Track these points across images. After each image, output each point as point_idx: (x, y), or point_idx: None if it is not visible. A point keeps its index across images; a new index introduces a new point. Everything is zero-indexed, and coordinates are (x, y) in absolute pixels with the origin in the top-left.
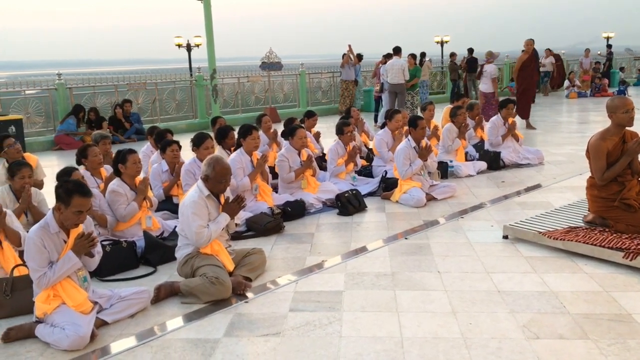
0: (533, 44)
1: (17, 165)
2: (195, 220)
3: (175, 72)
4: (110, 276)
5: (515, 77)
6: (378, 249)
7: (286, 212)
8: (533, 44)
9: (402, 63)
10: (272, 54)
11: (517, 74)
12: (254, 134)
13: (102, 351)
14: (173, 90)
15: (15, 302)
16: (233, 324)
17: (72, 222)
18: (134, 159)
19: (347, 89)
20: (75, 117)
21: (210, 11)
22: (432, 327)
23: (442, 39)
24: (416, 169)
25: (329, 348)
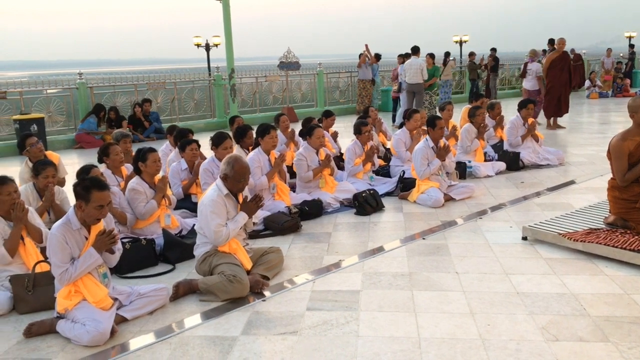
0: (565, 43)
1: (42, 165)
2: (213, 219)
3: (194, 71)
4: (130, 273)
5: (544, 76)
6: (395, 249)
7: (304, 212)
8: (565, 43)
9: (421, 63)
10: (290, 53)
11: (545, 72)
12: (272, 133)
13: (121, 347)
14: (192, 90)
15: (36, 298)
16: (251, 322)
17: (95, 217)
18: (154, 158)
19: (365, 89)
20: (96, 116)
21: (229, 11)
22: (449, 328)
23: (461, 39)
24: (434, 169)
25: (346, 347)
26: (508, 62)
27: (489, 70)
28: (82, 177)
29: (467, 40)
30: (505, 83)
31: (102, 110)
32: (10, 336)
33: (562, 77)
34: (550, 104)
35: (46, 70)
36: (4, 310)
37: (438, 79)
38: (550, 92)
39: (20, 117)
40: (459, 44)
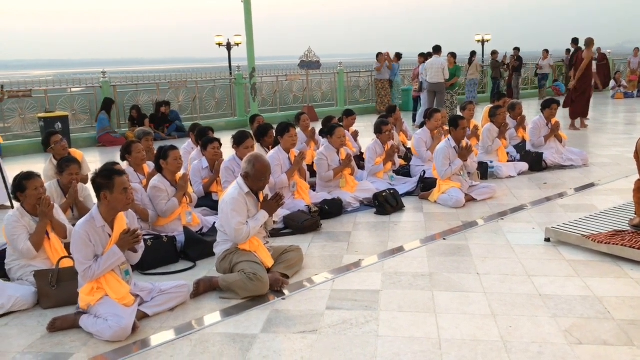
0: (594, 43)
1: (66, 162)
2: (234, 217)
3: (215, 70)
4: (151, 270)
5: (579, 76)
6: (416, 249)
7: (323, 211)
8: (594, 43)
9: (442, 62)
10: (311, 52)
11: (581, 72)
12: (292, 131)
13: (142, 343)
14: (213, 89)
15: (60, 293)
16: (270, 320)
17: (123, 202)
18: (175, 155)
19: (383, 88)
20: (106, 111)
21: (251, 10)
22: (470, 330)
23: (483, 38)
24: (456, 169)
25: (366, 347)
26: (531, 62)
27: (512, 70)
28: (96, 171)
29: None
30: (528, 83)
31: (111, 104)
32: (35, 330)
33: (591, 77)
34: (580, 105)
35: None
36: (28, 304)
37: (459, 78)
38: (585, 93)
39: (45, 115)
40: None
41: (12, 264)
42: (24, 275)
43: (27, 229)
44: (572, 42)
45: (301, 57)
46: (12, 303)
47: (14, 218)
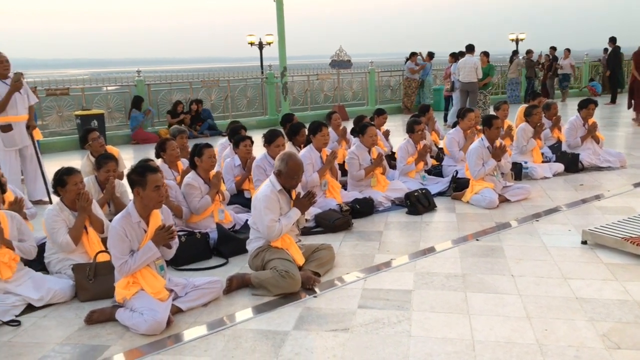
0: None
1: (104, 159)
2: (267, 214)
3: (247, 70)
4: (185, 265)
5: None
6: (448, 250)
7: (355, 210)
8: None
9: (475, 61)
10: (342, 52)
11: None
12: (324, 130)
13: (176, 337)
14: (244, 88)
15: (97, 286)
16: (302, 317)
17: (155, 200)
18: (210, 154)
19: (410, 87)
20: (137, 109)
21: (283, 10)
22: (505, 332)
23: (517, 37)
24: (489, 169)
25: (398, 347)
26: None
27: (547, 70)
28: (131, 167)
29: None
30: None
31: (141, 103)
32: (72, 322)
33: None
34: None
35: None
36: (66, 297)
37: (492, 78)
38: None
39: (82, 113)
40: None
41: (51, 257)
42: (62, 269)
43: (67, 223)
44: (609, 41)
45: (332, 56)
46: (51, 295)
47: (53, 212)
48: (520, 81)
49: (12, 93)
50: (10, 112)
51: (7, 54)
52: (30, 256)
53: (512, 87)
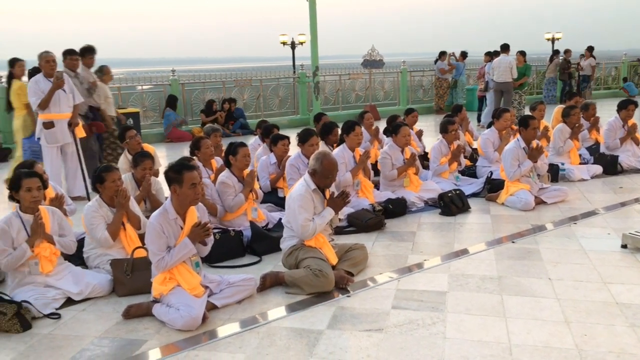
0: None
1: (140, 157)
2: (301, 213)
3: (279, 69)
4: (219, 263)
5: None
6: (483, 251)
7: (387, 210)
8: None
9: (510, 60)
10: (374, 51)
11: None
12: (357, 130)
13: (211, 334)
14: (276, 87)
15: (134, 281)
16: (336, 316)
17: (191, 197)
18: (244, 152)
19: (441, 87)
20: (171, 108)
21: (315, 9)
22: (542, 336)
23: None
24: (525, 170)
25: (433, 348)
26: (604, 61)
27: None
28: (169, 164)
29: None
30: (601, 83)
31: (175, 101)
32: (110, 316)
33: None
34: None
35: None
36: (105, 291)
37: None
38: None
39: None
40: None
41: (89, 253)
42: (100, 264)
43: (105, 219)
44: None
45: (364, 56)
46: (90, 290)
47: (92, 208)
48: (557, 81)
49: (54, 91)
50: (53, 110)
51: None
52: (70, 251)
53: (548, 87)
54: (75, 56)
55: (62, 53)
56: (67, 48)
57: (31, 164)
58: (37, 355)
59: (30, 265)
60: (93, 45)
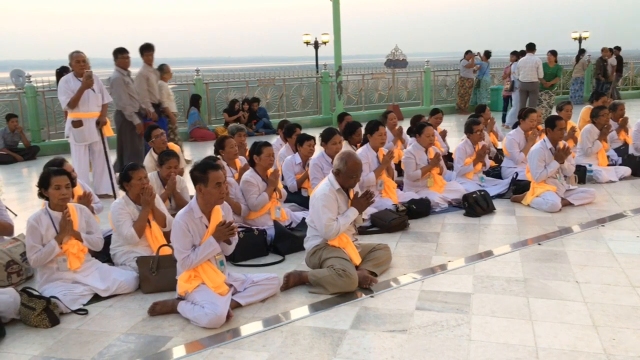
0: None
1: (166, 155)
2: (325, 213)
3: (302, 69)
4: (242, 261)
5: None
6: (508, 253)
7: (411, 210)
8: None
9: (536, 60)
10: (398, 51)
11: None
12: (381, 130)
13: (235, 332)
14: (299, 87)
15: (159, 279)
16: (359, 317)
17: (216, 196)
18: (269, 152)
19: (463, 87)
20: (195, 107)
21: (339, 9)
22: (570, 340)
23: (580, 35)
24: (551, 171)
25: (458, 350)
26: (632, 61)
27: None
28: (195, 163)
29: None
30: (629, 83)
31: (198, 100)
32: (136, 313)
33: None
34: None
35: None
36: (131, 288)
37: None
38: None
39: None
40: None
41: (116, 250)
42: (127, 261)
43: (131, 216)
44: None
45: (388, 56)
46: (117, 286)
47: (119, 205)
48: (584, 81)
49: (83, 90)
50: (82, 109)
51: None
52: (97, 248)
53: (576, 87)
54: (127, 54)
55: (114, 52)
56: (118, 47)
57: (60, 162)
58: (65, 350)
59: (59, 261)
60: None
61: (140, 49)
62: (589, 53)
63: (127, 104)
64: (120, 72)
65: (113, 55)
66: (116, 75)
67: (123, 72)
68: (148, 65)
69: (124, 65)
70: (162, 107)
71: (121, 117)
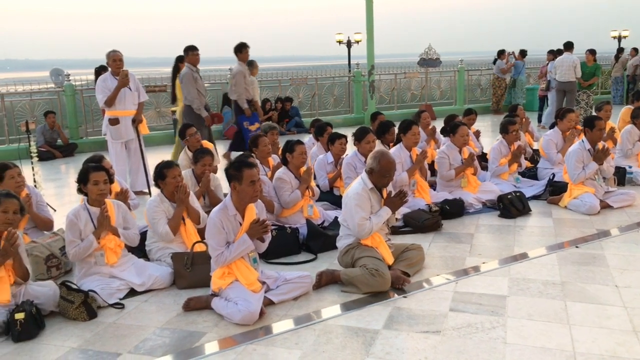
0: None
1: (201, 153)
2: (358, 212)
3: (335, 68)
4: (275, 259)
5: None
6: (544, 256)
7: (444, 210)
8: None
9: (574, 59)
10: (431, 50)
11: None
12: (414, 129)
13: (268, 329)
14: (332, 86)
15: (194, 275)
16: (392, 317)
17: (250, 194)
18: (301, 150)
19: (500, 87)
20: (229, 105)
21: (372, 8)
22: (609, 345)
23: (619, 34)
24: (590, 173)
25: (493, 353)
26: None
27: None
28: (231, 161)
29: (627, 36)
30: None
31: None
32: (171, 308)
33: None
34: None
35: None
36: (166, 284)
37: (598, 78)
38: None
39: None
40: (617, 40)
41: (151, 246)
42: (162, 257)
43: (166, 214)
44: None
45: (421, 55)
46: (152, 281)
47: (154, 203)
48: (623, 80)
49: (120, 89)
50: (118, 107)
51: None
52: (133, 243)
53: (616, 87)
54: (197, 52)
55: (185, 49)
56: (189, 44)
57: (99, 159)
58: (102, 343)
59: (96, 256)
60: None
61: (237, 47)
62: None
63: (195, 97)
64: (190, 68)
65: (184, 52)
66: (186, 71)
67: (192, 69)
68: (243, 63)
69: (194, 61)
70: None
71: (190, 111)
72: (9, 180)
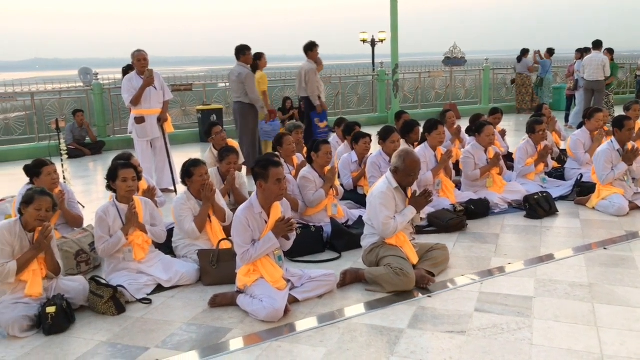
0: None
1: (226, 152)
2: (382, 211)
3: (358, 67)
4: (299, 257)
5: None
6: (572, 257)
7: (469, 210)
8: None
9: (603, 58)
10: (456, 48)
11: None
12: (440, 129)
13: (293, 326)
14: (355, 85)
15: (219, 272)
16: (417, 316)
17: (276, 192)
18: (326, 150)
19: (524, 85)
20: None
21: (397, 6)
22: (638, 347)
23: None
24: (619, 173)
25: (519, 354)
26: None
27: None
28: (257, 158)
29: None
30: None
31: None
32: (197, 304)
33: None
34: None
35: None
36: (192, 280)
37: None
38: None
39: (203, 108)
40: None
41: (178, 243)
42: (188, 254)
43: (192, 211)
44: None
45: (446, 54)
46: (179, 278)
47: (181, 200)
48: None
49: (145, 88)
50: (144, 106)
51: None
52: (160, 240)
53: None
54: (251, 51)
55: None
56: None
57: (128, 156)
58: (130, 337)
59: (125, 252)
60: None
61: (308, 46)
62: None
63: (258, 96)
64: (246, 67)
65: (240, 52)
66: (247, 71)
67: (248, 68)
68: (312, 61)
69: (248, 61)
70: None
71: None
72: (46, 177)
